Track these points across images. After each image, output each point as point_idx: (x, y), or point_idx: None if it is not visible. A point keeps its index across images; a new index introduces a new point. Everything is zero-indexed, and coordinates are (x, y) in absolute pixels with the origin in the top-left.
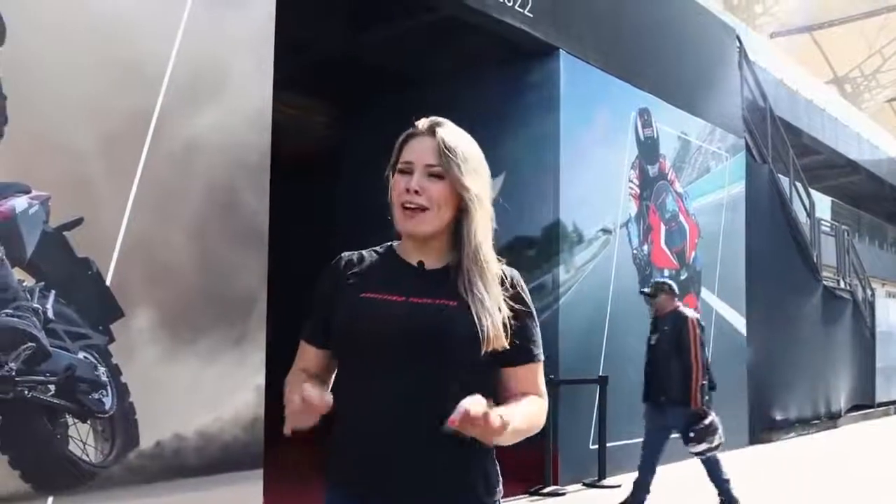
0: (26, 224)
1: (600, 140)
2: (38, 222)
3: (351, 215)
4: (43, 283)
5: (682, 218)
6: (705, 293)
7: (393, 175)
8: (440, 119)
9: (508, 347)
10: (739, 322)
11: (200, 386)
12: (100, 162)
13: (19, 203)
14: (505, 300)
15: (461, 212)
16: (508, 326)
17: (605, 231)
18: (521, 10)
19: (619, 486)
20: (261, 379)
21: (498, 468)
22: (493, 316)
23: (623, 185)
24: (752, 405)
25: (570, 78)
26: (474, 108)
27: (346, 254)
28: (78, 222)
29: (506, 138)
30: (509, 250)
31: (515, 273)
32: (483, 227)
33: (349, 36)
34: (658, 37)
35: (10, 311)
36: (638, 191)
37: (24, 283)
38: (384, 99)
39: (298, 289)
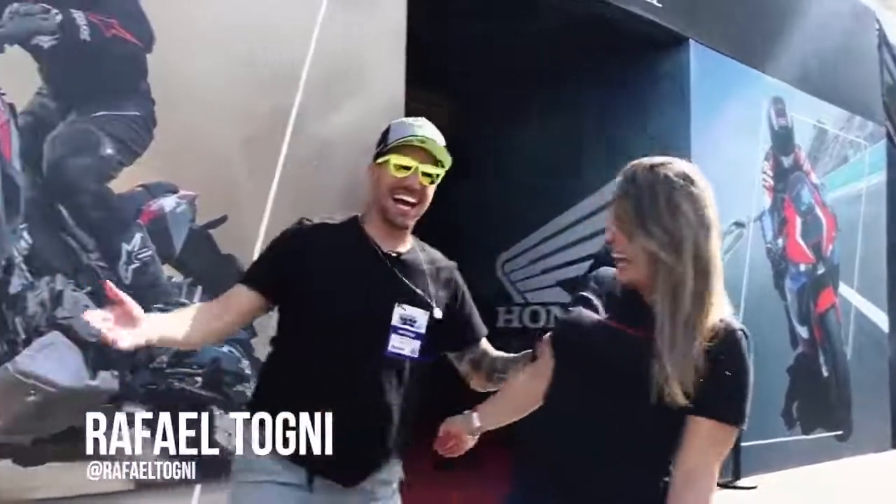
0: (175, 222)
1: (732, 131)
2: (185, 221)
3: (482, 210)
4: (190, 279)
5: (818, 210)
6: (843, 288)
7: None
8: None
9: None
10: (880, 318)
11: None
12: (242, 162)
13: (168, 202)
14: None
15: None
16: None
17: (739, 224)
18: (650, 1)
19: (754, 487)
20: None
21: None
22: None
23: (756, 176)
24: (894, 405)
25: (700, 68)
26: (603, 103)
27: None
28: (222, 220)
29: (635, 132)
30: None
31: None
32: None
33: (477, 32)
34: (791, 22)
35: (161, 305)
36: (772, 182)
37: (173, 279)
38: (512, 95)
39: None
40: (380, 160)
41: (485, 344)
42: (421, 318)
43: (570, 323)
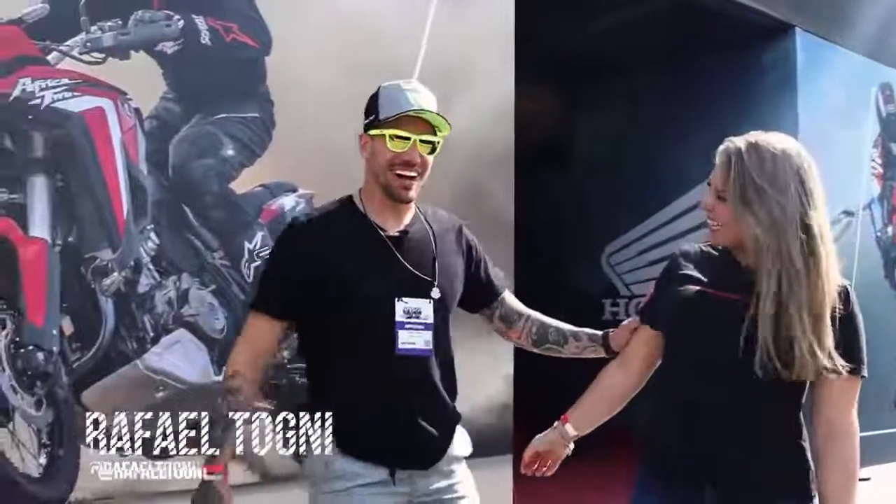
0: None
1: (840, 119)
2: None
3: (586, 203)
4: None
5: None
6: None
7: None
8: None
9: None
10: None
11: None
12: (357, 161)
13: (288, 201)
14: None
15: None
16: None
17: (848, 213)
18: None
19: (868, 478)
20: (509, 368)
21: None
22: None
23: (865, 164)
24: None
25: (806, 56)
26: (709, 93)
27: None
28: None
29: (742, 122)
30: None
31: None
32: None
33: (580, 25)
34: None
35: None
36: (881, 170)
37: None
38: (617, 87)
39: (543, 279)
40: (373, 132)
41: (508, 296)
42: (426, 308)
43: (675, 302)
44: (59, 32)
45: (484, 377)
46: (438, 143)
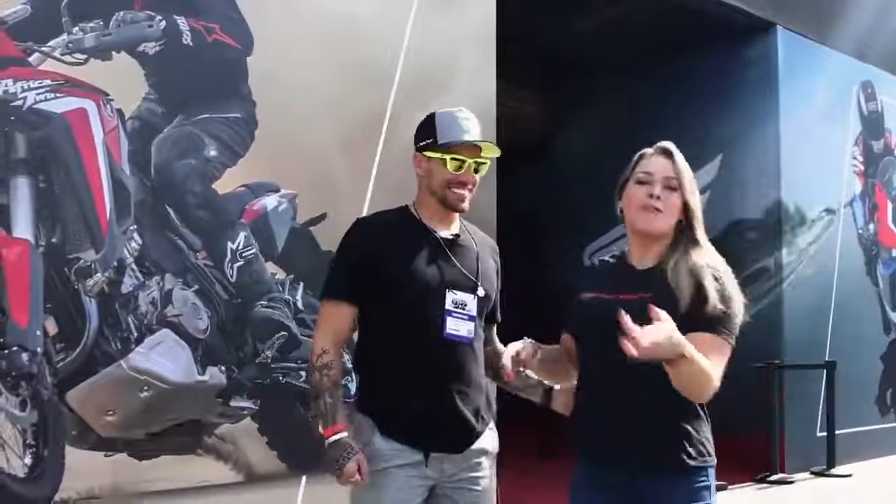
0: (277, 221)
1: (821, 117)
2: (286, 219)
3: (572, 202)
4: (292, 276)
5: None
6: None
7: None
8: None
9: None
10: None
11: None
12: (340, 160)
13: (270, 201)
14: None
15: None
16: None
17: (829, 211)
18: None
19: (849, 475)
20: None
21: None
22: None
23: (846, 162)
24: None
25: (788, 54)
26: (690, 90)
27: None
28: (322, 218)
29: (723, 119)
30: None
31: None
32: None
33: (563, 26)
34: (880, 5)
35: (265, 302)
36: (862, 168)
37: (276, 276)
38: (597, 87)
39: (525, 279)
40: (430, 154)
41: (494, 328)
42: (471, 301)
43: (576, 309)
44: (41, 33)
45: None
46: (486, 163)
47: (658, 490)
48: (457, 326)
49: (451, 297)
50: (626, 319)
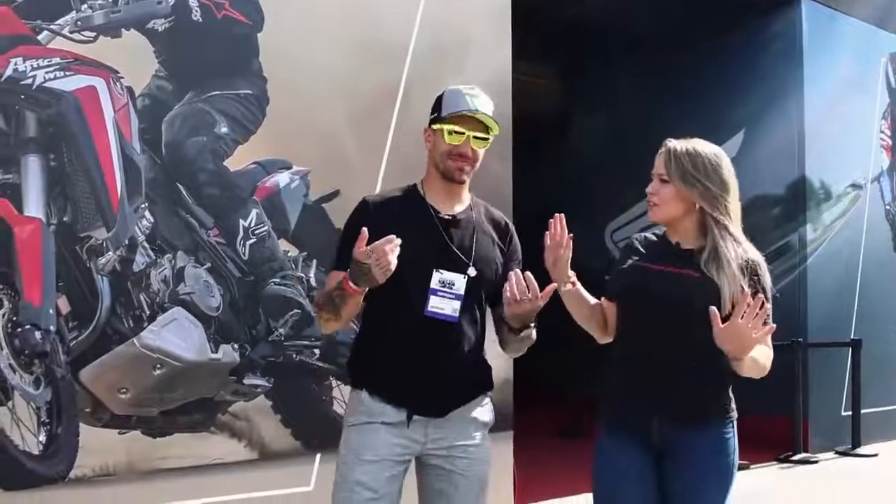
0: (289, 198)
1: (848, 90)
2: (299, 196)
3: (588, 181)
4: (305, 253)
5: None
6: None
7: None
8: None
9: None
10: None
11: None
12: (352, 137)
13: (282, 178)
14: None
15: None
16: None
17: (856, 186)
18: None
19: (875, 454)
20: None
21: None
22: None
23: (874, 136)
24: None
25: (812, 26)
26: (713, 65)
27: None
28: (335, 195)
29: (748, 93)
30: (752, 209)
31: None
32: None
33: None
34: None
35: (278, 279)
36: (890, 142)
37: (289, 254)
38: (617, 64)
39: (540, 255)
40: (435, 126)
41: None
42: (459, 281)
43: (621, 277)
44: (50, 11)
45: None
46: (488, 139)
47: (686, 442)
48: (441, 305)
49: (438, 276)
50: (717, 318)
